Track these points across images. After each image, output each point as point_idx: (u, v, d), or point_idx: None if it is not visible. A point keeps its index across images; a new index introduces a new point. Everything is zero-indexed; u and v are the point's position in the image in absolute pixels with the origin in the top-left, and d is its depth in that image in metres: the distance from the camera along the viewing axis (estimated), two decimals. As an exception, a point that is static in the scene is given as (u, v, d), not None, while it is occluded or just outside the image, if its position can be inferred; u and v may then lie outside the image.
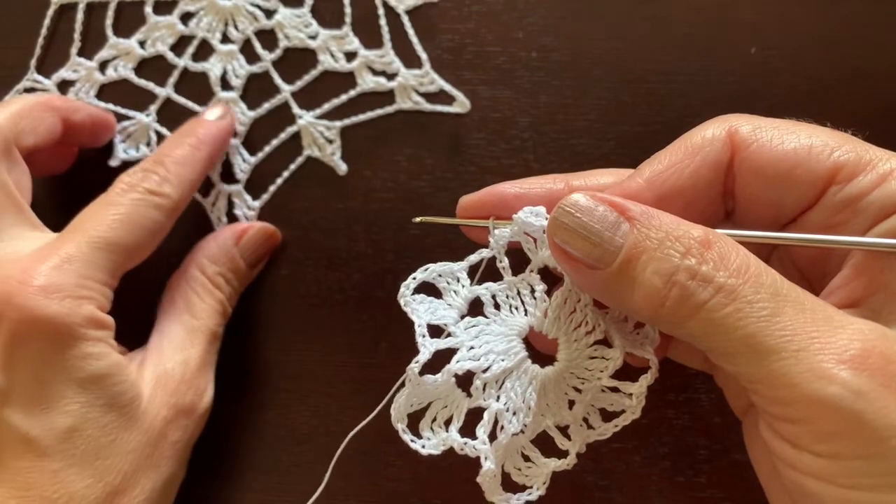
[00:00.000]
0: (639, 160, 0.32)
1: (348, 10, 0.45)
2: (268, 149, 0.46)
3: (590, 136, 0.43)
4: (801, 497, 0.27)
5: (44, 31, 0.46)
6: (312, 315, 0.44)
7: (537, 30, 0.44)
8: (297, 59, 0.45)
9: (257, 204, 0.45)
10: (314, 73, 0.45)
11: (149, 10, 0.46)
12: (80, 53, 0.46)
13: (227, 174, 0.46)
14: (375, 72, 0.45)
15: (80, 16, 0.46)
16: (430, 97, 0.45)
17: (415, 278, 0.33)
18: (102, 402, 0.36)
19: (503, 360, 0.32)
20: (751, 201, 0.31)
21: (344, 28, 0.45)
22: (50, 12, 0.46)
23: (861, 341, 0.25)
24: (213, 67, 0.46)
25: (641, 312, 0.28)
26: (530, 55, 0.44)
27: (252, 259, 0.43)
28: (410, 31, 0.45)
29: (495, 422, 0.32)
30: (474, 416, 0.32)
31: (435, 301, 0.33)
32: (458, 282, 0.34)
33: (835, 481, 0.26)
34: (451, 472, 0.42)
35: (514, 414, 0.32)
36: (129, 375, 0.37)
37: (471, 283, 0.34)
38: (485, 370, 0.32)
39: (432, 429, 0.32)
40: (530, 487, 0.33)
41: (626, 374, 0.32)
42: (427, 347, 0.31)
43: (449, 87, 0.44)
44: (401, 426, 0.32)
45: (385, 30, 0.45)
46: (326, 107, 0.45)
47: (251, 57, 0.46)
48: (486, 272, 0.33)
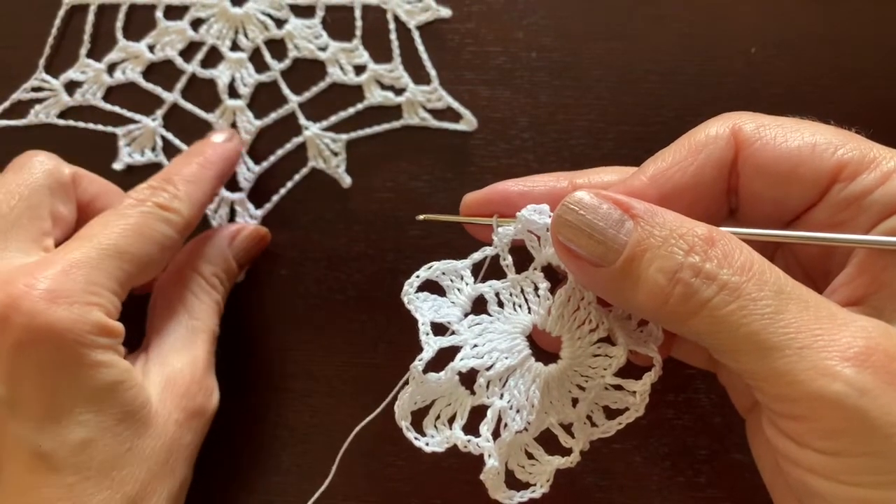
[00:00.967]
0: (639, 160, 0.32)
1: (359, 23, 0.45)
2: (273, 158, 0.46)
3: (590, 136, 0.44)
4: (804, 494, 0.27)
5: (54, 31, 0.46)
6: (312, 315, 0.44)
7: (537, 30, 0.45)
8: (306, 70, 0.46)
9: (260, 213, 0.45)
10: (322, 84, 0.45)
11: (159, 14, 0.46)
12: (90, 55, 0.46)
13: (231, 182, 0.46)
14: (384, 86, 0.45)
15: (90, 17, 0.46)
16: (437, 113, 0.45)
17: (419, 276, 0.33)
18: (115, 410, 0.35)
19: (507, 357, 0.32)
20: (754, 199, 0.31)
21: (354, 41, 0.45)
22: (61, 13, 0.46)
23: (864, 339, 0.25)
24: (221, 75, 0.46)
25: (645, 310, 0.29)
26: (530, 55, 0.45)
27: (244, 259, 0.44)
28: (420, 47, 0.45)
29: (499, 419, 0.32)
30: (478, 413, 0.32)
31: (439, 299, 0.33)
32: (462, 280, 0.34)
33: (838, 478, 0.26)
34: (451, 473, 0.42)
35: (518, 411, 0.32)
36: (138, 380, 0.36)
37: (474, 280, 0.34)
38: (488, 368, 0.32)
39: (436, 426, 0.32)
40: (534, 485, 0.33)
41: (629, 372, 0.32)
42: (431, 345, 0.31)
43: (457, 105, 0.44)
44: (404, 424, 0.32)
45: (395, 44, 0.45)
46: (333, 119, 0.45)
47: (260, 66, 0.46)
48: (489, 270, 0.34)
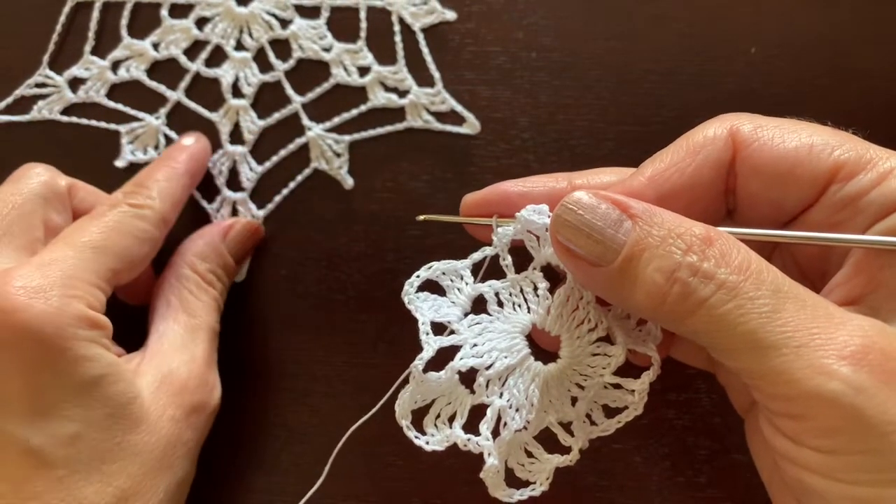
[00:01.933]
0: (639, 160, 0.32)
1: (364, 24, 0.45)
2: (275, 158, 0.45)
3: (590, 136, 0.44)
4: (802, 493, 0.28)
5: (59, 27, 0.46)
6: (312, 315, 0.44)
7: (537, 30, 0.45)
8: (310, 71, 0.46)
9: (262, 213, 0.45)
10: (326, 85, 0.45)
11: (164, 12, 0.46)
12: (94, 52, 0.46)
13: (234, 182, 0.45)
14: (388, 88, 0.45)
15: (95, 14, 0.46)
16: (440, 116, 0.45)
17: (419, 276, 0.33)
18: (102, 404, 0.35)
19: (506, 357, 0.32)
20: (752, 200, 0.31)
21: (358, 42, 0.45)
22: (66, 9, 0.46)
23: (861, 337, 0.26)
24: (225, 74, 0.46)
25: (643, 309, 0.29)
26: (530, 55, 0.45)
27: (239, 254, 0.44)
28: (425, 49, 0.45)
29: (498, 418, 0.32)
30: (478, 412, 0.32)
31: (439, 299, 0.34)
32: (462, 279, 0.34)
33: (835, 476, 0.26)
34: (452, 472, 0.42)
35: (517, 410, 0.32)
36: (126, 374, 0.36)
37: (474, 280, 0.34)
38: (488, 367, 0.32)
39: (436, 425, 0.32)
40: (533, 483, 0.33)
41: (628, 371, 0.32)
42: (431, 345, 0.32)
43: (460, 108, 0.44)
44: (405, 423, 0.32)
45: (399, 46, 0.45)
46: (336, 120, 0.45)
47: (264, 66, 0.46)
48: (489, 270, 0.34)
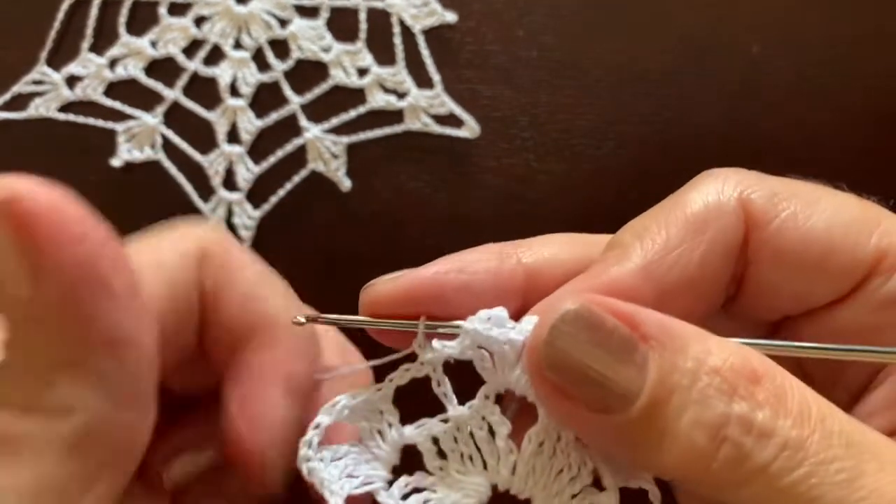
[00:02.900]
0: (639, 160, 0.30)
1: (363, 25, 0.45)
2: (273, 159, 0.45)
3: (590, 135, 0.43)
4: None
5: (57, 24, 0.46)
6: (311, 317, 0.44)
7: (538, 29, 0.44)
8: (309, 72, 0.45)
9: (258, 214, 0.45)
10: (324, 86, 0.45)
11: (163, 10, 0.46)
12: (92, 49, 0.46)
13: (230, 182, 0.45)
14: (386, 90, 0.45)
15: (93, 11, 0.46)
16: (439, 119, 0.44)
17: (318, 426, 0.25)
18: None
19: None
20: (764, 290, 0.25)
21: (358, 43, 0.45)
22: (65, 6, 0.46)
23: None
24: (223, 73, 0.45)
25: (674, 472, 0.22)
26: (531, 54, 0.44)
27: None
28: (425, 52, 0.45)
29: None
30: None
31: (352, 451, 0.25)
32: (383, 417, 0.25)
33: None
34: None
35: None
36: None
37: (399, 417, 0.25)
38: None
39: None
40: None
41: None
42: None
43: (459, 111, 0.44)
44: None
45: (399, 48, 0.45)
46: (335, 121, 0.45)
47: (262, 65, 0.46)
48: (416, 387, 0.25)
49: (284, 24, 0.46)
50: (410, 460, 0.25)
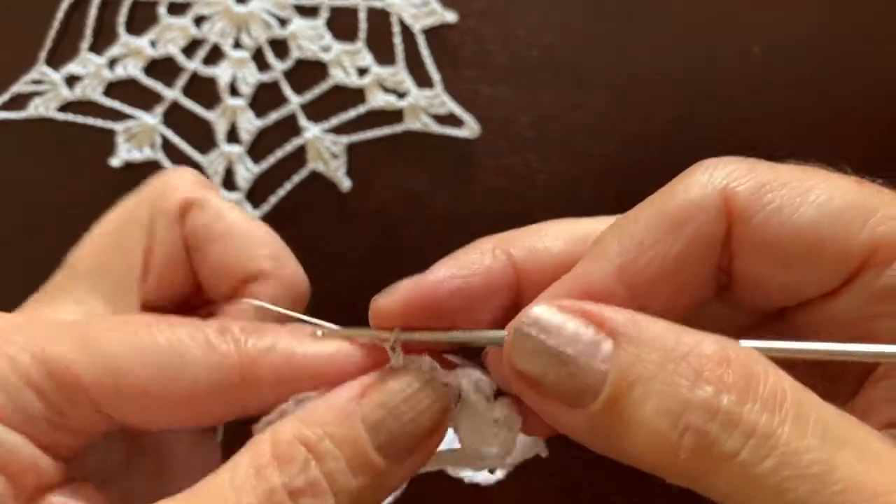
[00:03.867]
0: (638, 160, 0.30)
1: (363, 25, 0.45)
2: (272, 159, 0.45)
3: (590, 135, 0.43)
4: None
5: (56, 23, 0.46)
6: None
7: (538, 28, 0.44)
8: (309, 71, 0.45)
9: (257, 213, 0.45)
10: (324, 86, 0.45)
11: (162, 10, 0.46)
12: (91, 49, 0.46)
13: (229, 182, 0.45)
14: (386, 89, 0.45)
15: (93, 11, 0.46)
16: (439, 118, 0.44)
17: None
18: None
19: None
20: (754, 282, 0.25)
21: (357, 43, 0.45)
22: (64, 5, 0.46)
23: None
24: (223, 73, 0.45)
25: (647, 463, 0.21)
26: (531, 53, 0.44)
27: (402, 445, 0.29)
28: (425, 51, 0.44)
29: None
30: None
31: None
32: None
33: None
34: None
35: None
36: None
37: None
38: None
39: None
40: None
41: None
42: None
43: (459, 111, 0.44)
44: None
45: (399, 48, 0.45)
46: (334, 121, 0.45)
47: (262, 65, 0.46)
48: None
49: (284, 23, 0.46)
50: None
